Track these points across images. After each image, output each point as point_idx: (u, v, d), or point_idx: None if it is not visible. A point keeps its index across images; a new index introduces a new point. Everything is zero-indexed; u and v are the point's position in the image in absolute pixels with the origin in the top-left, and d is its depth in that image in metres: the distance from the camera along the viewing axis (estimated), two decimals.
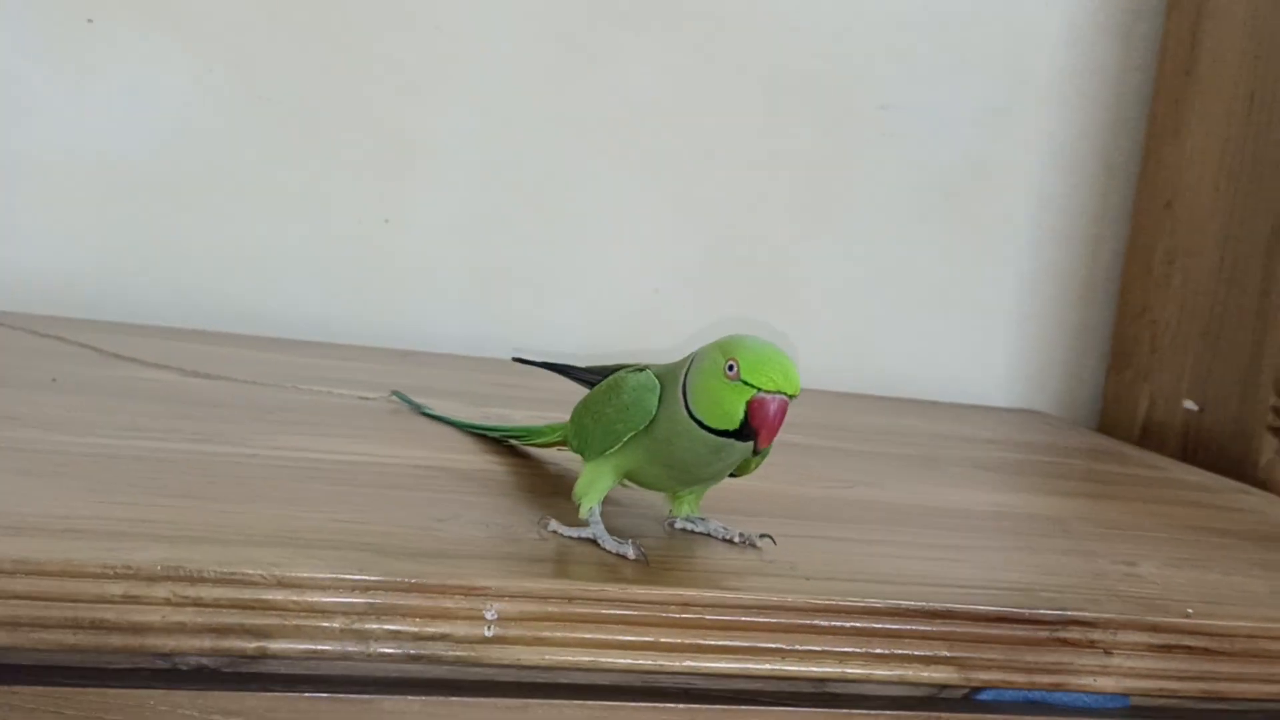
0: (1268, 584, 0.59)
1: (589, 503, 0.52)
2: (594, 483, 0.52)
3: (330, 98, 1.06)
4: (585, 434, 0.52)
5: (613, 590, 0.46)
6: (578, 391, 0.57)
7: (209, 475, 0.55)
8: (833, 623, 0.47)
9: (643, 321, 1.14)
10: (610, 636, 0.45)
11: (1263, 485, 0.96)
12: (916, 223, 1.18)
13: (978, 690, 0.50)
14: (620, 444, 0.50)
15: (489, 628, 0.44)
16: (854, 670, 0.48)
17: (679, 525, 0.55)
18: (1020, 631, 0.49)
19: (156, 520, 0.47)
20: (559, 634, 0.45)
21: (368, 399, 0.80)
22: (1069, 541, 0.63)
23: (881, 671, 0.48)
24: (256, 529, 0.48)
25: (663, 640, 0.46)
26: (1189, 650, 0.51)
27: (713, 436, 0.47)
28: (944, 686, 0.49)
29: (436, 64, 1.08)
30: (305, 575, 0.43)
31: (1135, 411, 1.14)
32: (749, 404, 0.46)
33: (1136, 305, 1.16)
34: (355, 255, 1.08)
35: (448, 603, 0.44)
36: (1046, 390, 1.23)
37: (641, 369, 0.52)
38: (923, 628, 0.48)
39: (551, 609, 0.45)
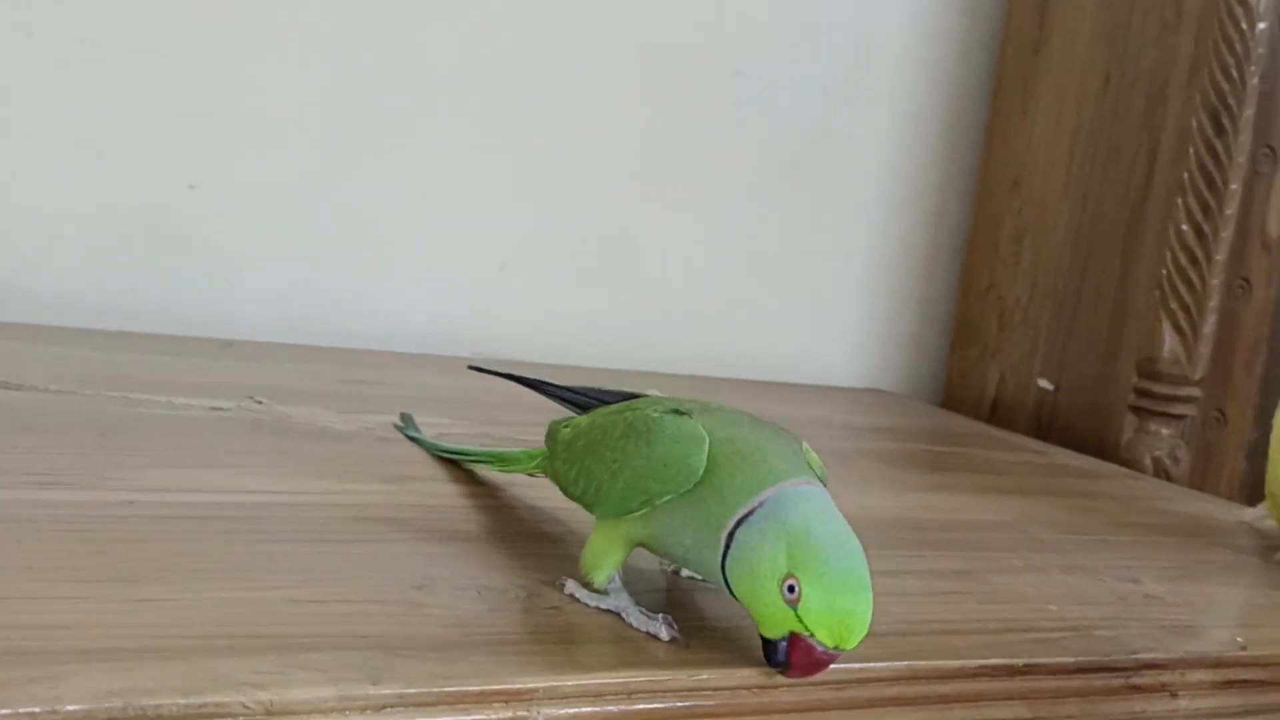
0: (1263, 595, 0.57)
1: (604, 571, 0.43)
2: (608, 549, 0.43)
3: (109, 32, 0.89)
4: (594, 485, 0.43)
5: (681, 679, 0.37)
6: (482, 391, 0.49)
7: (89, 541, 0.42)
8: (916, 690, 0.41)
9: (490, 300, 1.03)
10: None
11: (1124, 463, 0.97)
12: (764, 196, 1.13)
13: None
14: (647, 509, 0.40)
15: None
16: None
17: (686, 573, 0.47)
18: (1097, 682, 0.44)
19: (60, 626, 0.34)
20: None
21: (220, 409, 0.66)
22: (1057, 556, 0.59)
23: None
24: (202, 623, 0.36)
25: None
26: (1244, 684, 0.47)
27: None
28: None
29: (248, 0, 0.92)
30: (303, 696, 0.32)
31: (983, 389, 1.14)
32: (793, 639, 0.37)
33: (982, 282, 1.16)
34: (148, 226, 0.92)
35: (488, 714, 0.34)
36: (890, 368, 1.22)
37: (677, 409, 0.42)
38: (1003, 684, 0.42)
39: (612, 709, 0.36)
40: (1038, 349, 1.09)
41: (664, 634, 0.40)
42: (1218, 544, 0.68)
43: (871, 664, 0.40)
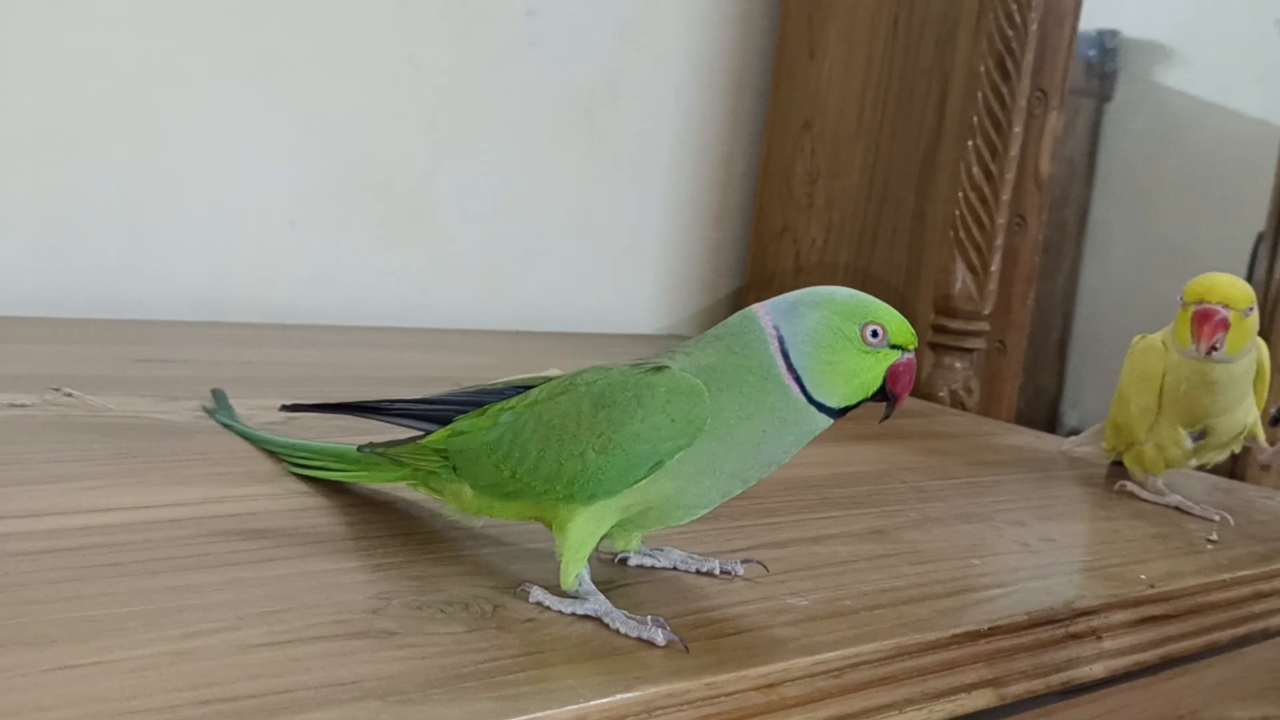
0: (1128, 525, 0.60)
1: (575, 568, 0.40)
2: (586, 540, 0.40)
3: None
4: (567, 471, 0.40)
5: (695, 689, 0.35)
6: (297, 364, 0.44)
7: None
8: (901, 667, 0.40)
9: (279, 260, 0.95)
10: None
11: (924, 399, 1.01)
12: (558, 144, 1.09)
13: (1011, 707, 0.45)
14: (656, 471, 0.39)
15: None
16: (915, 716, 0.41)
17: (635, 561, 0.45)
18: (1044, 635, 0.45)
19: None
20: None
21: (21, 405, 0.57)
22: (944, 505, 0.61)
23: (937, 712, 0.42)
24: (156, 690, 0.30)
25: None
26: (1155, 620, 0.50)
27: (823, 420, 0.41)
28: (980, 713, 0.44)
29: None
30: None
31: None
32: (893, 369, 0.41)
33: (776, 225, 1.17)
34: None
35: None
36: (686, 314, 1.22)
37: (649, 369, 0.40)
38: (970, 649, 0.43)
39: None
40: None
41: (660, 638, 0.38)
42: (1062, 478, 0.71)
43: (862, 647, 0.39)
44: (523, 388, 0.44)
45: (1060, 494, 0.66)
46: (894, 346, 0.41)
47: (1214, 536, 0.59)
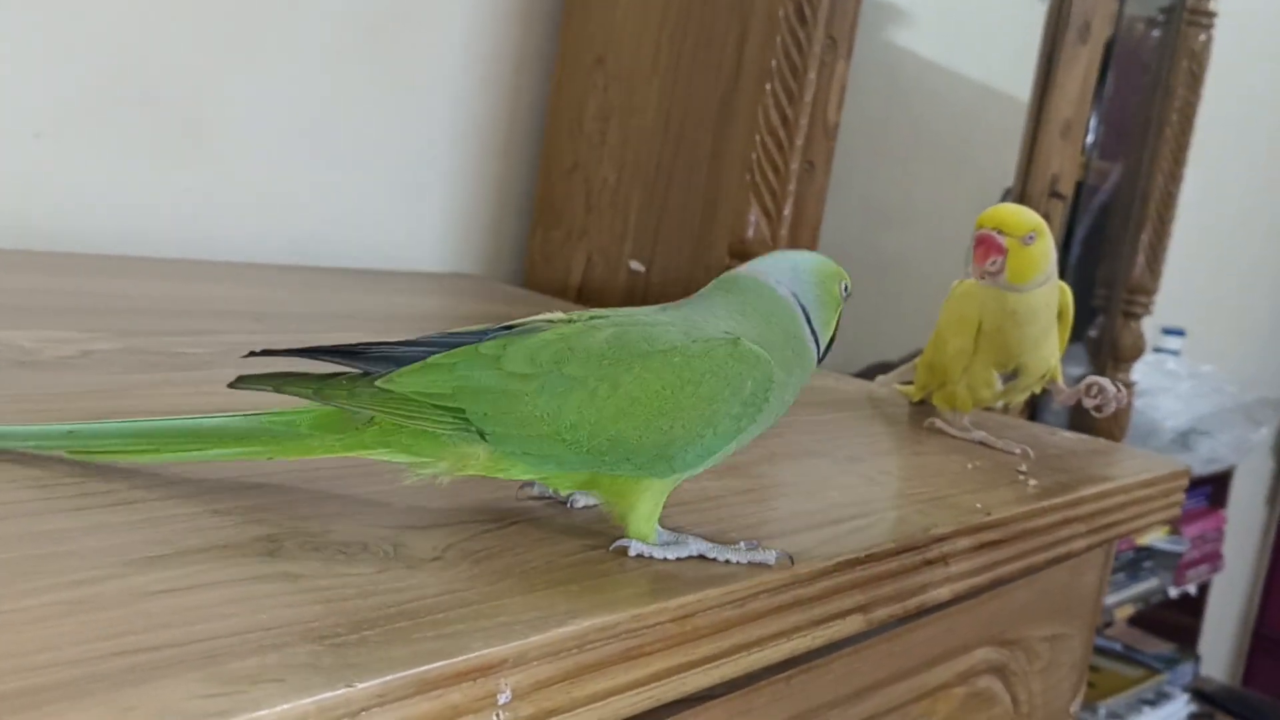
0: (946, 460, 0.65)
1: (652, 528, 0.43)
2: (657, 508, 0.43)
3: None
4: (653, 447, 0.41)
5: (623, 621, 0.36)
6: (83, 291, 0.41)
7: None
8: (797, 594, 0.43)
9: (21, 174, 0.88)
10: (635, 675, 0.36)
11: None
12: (341, 65, 1.06)
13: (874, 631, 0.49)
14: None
15: (498, 716, 0.32)
16: (802, 643, 0.44)
17: (582, 503, 0.47)
18: (907, 561, 0.49)
19: None
20: (586, 690, 0.34)
21: None
22: (785, 441, 0.63)
23: (818, 638, 0.45)
24: (67, 643, 0.29)
25: (670, 664, 0.38)
26: (991, 545, 0.55)
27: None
28: (849, 638, 0.48)
29: None
30: (276, 712, 0.27)
31: (569, 271, 1.18)
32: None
33: (566, 162, 1.18)
34: None
35: (458, 693, 0.31)
36: (474, 251, 1.21)
37: (720, 341, 0.43)
38: (848, 576, 0.46)
39: (568, 663, 0.34)
40: (628, 231, 1.14)
41: (771, 559, 0.43)
42: (873, 416, 0.76)
43: (764, 576, 0.42)
44: (502, 328, 0.43)
45: (876, 431, 0.71)
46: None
47: (1023, 468, 0.65)
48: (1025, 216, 0.66)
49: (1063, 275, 0.70)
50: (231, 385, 0.42)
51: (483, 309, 1.00)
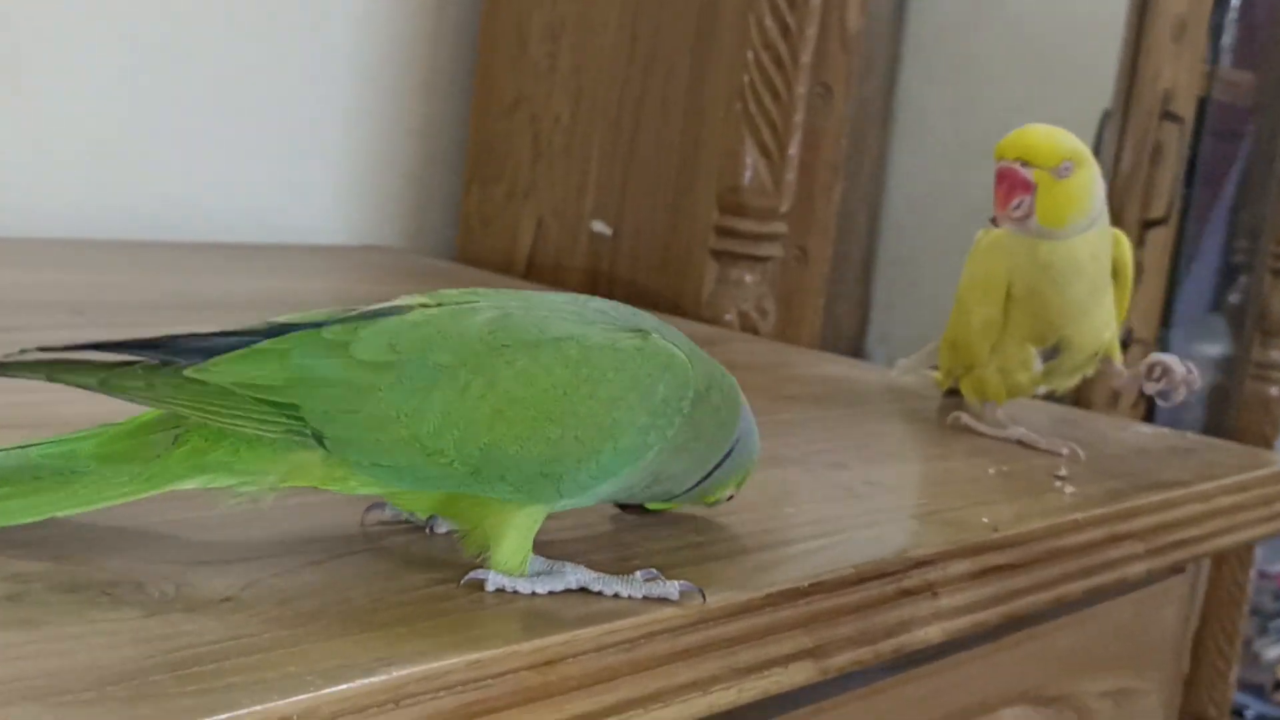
0: (968, 464, 0.67)
1: (522, 559, 0.44)
2: (529, 533, 0.44)
3: None
4: (536, 462, 0.43)
5: (456, 669, 0.38)
6: None
7: None
8: (705, 636, 0.45)
9: None
10: None
11: (710, 321, 1.07)
12: None
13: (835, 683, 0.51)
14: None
15: None
16: (724, 697, 0.46)
17: (445, 528, 0.48)
18: (873, 591, 0.51)
19: None
20: None
21: None
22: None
23: (749, 690, 0.46)
24: None
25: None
26: (999, 570, 0.56)
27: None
28: (801, 690, 0.50)
29: None
30: None
31: (515, 238, 1.20)
32: None
33: (506, 96, 1.20)
34: None
35: None
36: (389, 217, 1.23)
37: (624, 330, 0.45)
38: (788, 613, 0.48)
39: None
40: (588, 184, 1.16)
41: (674, 592, 0.44)
42: (886, 412, 0.78)
43: (658, 613, 0.43)
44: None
45: (885, 430, 0.73)
46: None
47: (1063, 472, 0.67)
48: (1058, 141, 0.67)
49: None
50: None
51: (392, 289, 1.02)
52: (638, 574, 0.45)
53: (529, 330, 0.44)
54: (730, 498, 0.52)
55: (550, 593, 0.44)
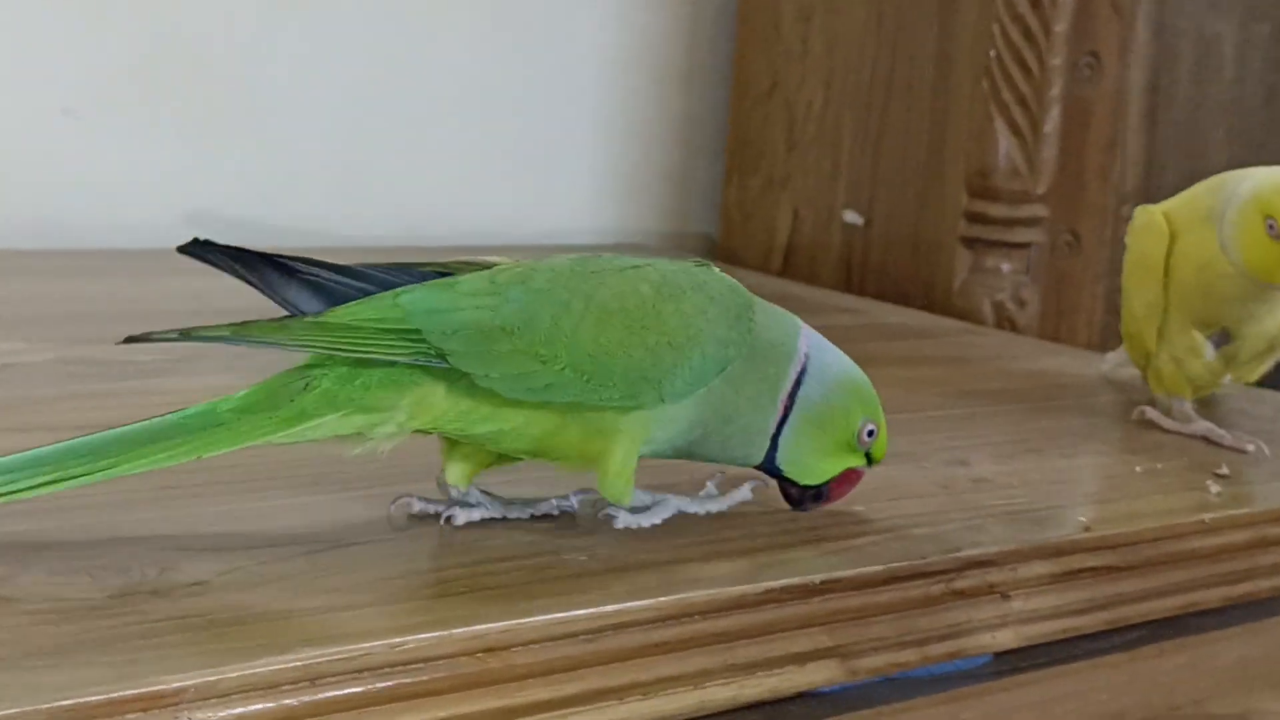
0: (1115, 460, 0.66)
1: (629, 484, 0.51)
2: (633, 453, 0.51)
3: None
4: (640, 366, 0.49)
5: (376, 651, 0.41)
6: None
7: None
8: (687, 630, 0.47)
9: (47, 159, 1.02)
10: None
11: (960, 314, 1.07)
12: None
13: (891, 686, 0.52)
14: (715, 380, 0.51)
15: None
16: (720, 693, 0.47)
17: (461, 517, 0.52)
18: (913, 592, 0.51)
19: None
20: None
21: None
22: None
23: (752, 687, 0.48)
24: None
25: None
26: (1093, 573, 0.56)
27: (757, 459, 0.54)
28: (829, 692, 0.51)
29: None
30: None
31: (773, 230, 1.22)
32: (848, 473, 0.54)
33: (762, 83, 1.23)
34: None
35: None
36: (647, 214, 1.28)
37: (694, 263, 0.53)
38: (797, 609, 0.49)
39: (290, 702, 0.40)
40: (840, 171, 1.17)
41: (748, 493, 0.54)
42: (1069, 406, 0.77)
43: (629, 604, 0.45)
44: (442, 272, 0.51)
45: (1049, 427, 0.72)
46: (867, 455, 0.54)
47: (1224, 470, 0.64)
48: None
49: None
50: (125, 341, 0.49)
51: None
52: (709, 485, 0.55)
53: (610, 261, 0.51)
54: (871, 433, 0.53)
55: (664, 520, 0.52)
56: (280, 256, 0.50)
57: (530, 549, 0.50)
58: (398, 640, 0.42)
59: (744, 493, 0.54)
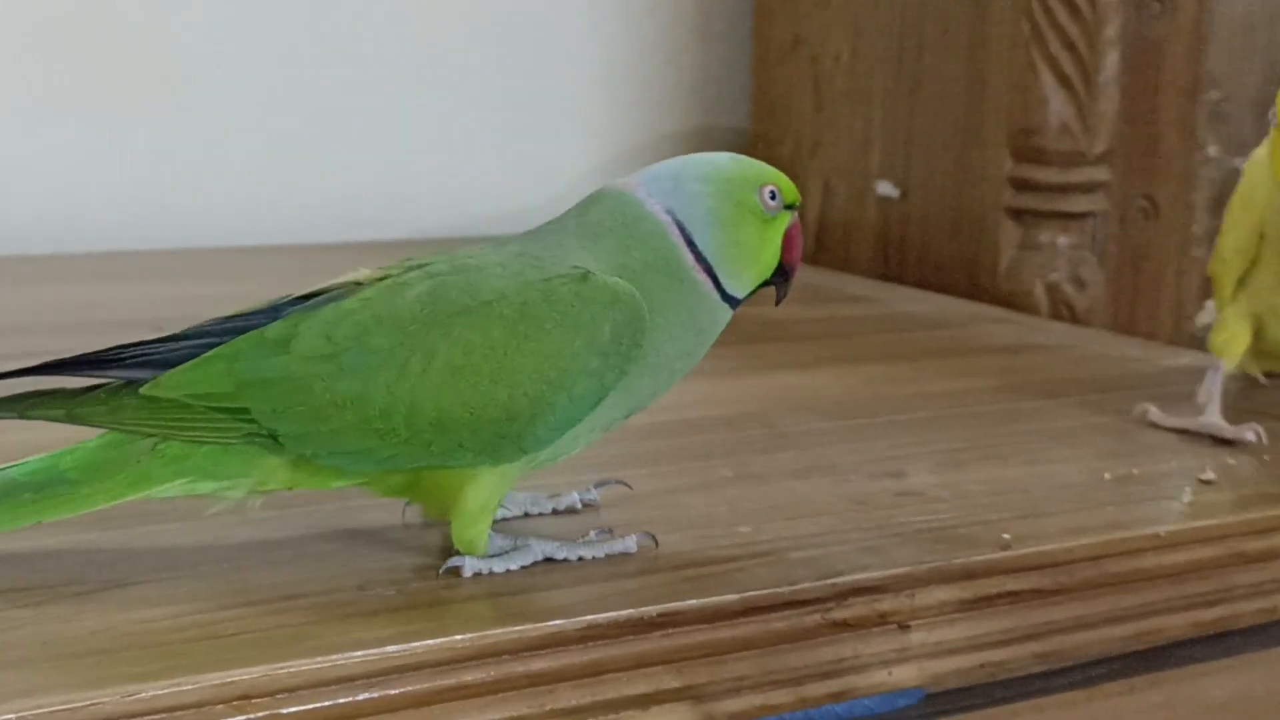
0: (1085, 467, 0.66)
1: (484, 531, 0.53)
2: (493, 499, 0.53)
3: None
4: (490, 425, 0.51)
5: (107, 703, 0.44)
6: None
7: None
8: (496, 672, 0.48)
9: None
10: None
11: (1005, 298, 1.07)
12: None
13: None
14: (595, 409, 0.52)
15: None
16: None
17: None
18: (778, 624, 0.52)
19: None
20: None
21: None
22: (800, 453, 0.68)
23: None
24: None
25: None
26: (1013, 598, 0.56)
27: (727, 314, 0.55)
28: None
29: None
30: None
31: (804, 205, 1.23)
32: (786, 234, 0.56)
33: (784, 36, 1.24)
34: None
35: None
36: None
37: (565, 275, 0.52)
38: (630, 648, 0.50)
39: None
40: (872, 135, 1.18)
41: (632, 545, 0.55)
42: (1070, 405, 0.77)
43: (419, 643, 0.47)
44: (304, 298, 0.53)
45: (1033, 430, 0.73)
46: (789, 207, 0.56)
47: (1209, 476, 0.65)
48: None
49: None
50: None
51: None
52: (591, 533, 0.56)
53: (460, 298, 0.51)
54: (773, 194, 0.55)
55: (522, 568, 0.53)
56: (90, 355, 0.53)
57: (330, 584, 0.52)
58: (132, 688, 0.44)
59: (628, 544, 0.55)
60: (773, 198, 0.55)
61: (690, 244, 0.54)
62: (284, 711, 0.46)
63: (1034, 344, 0.93)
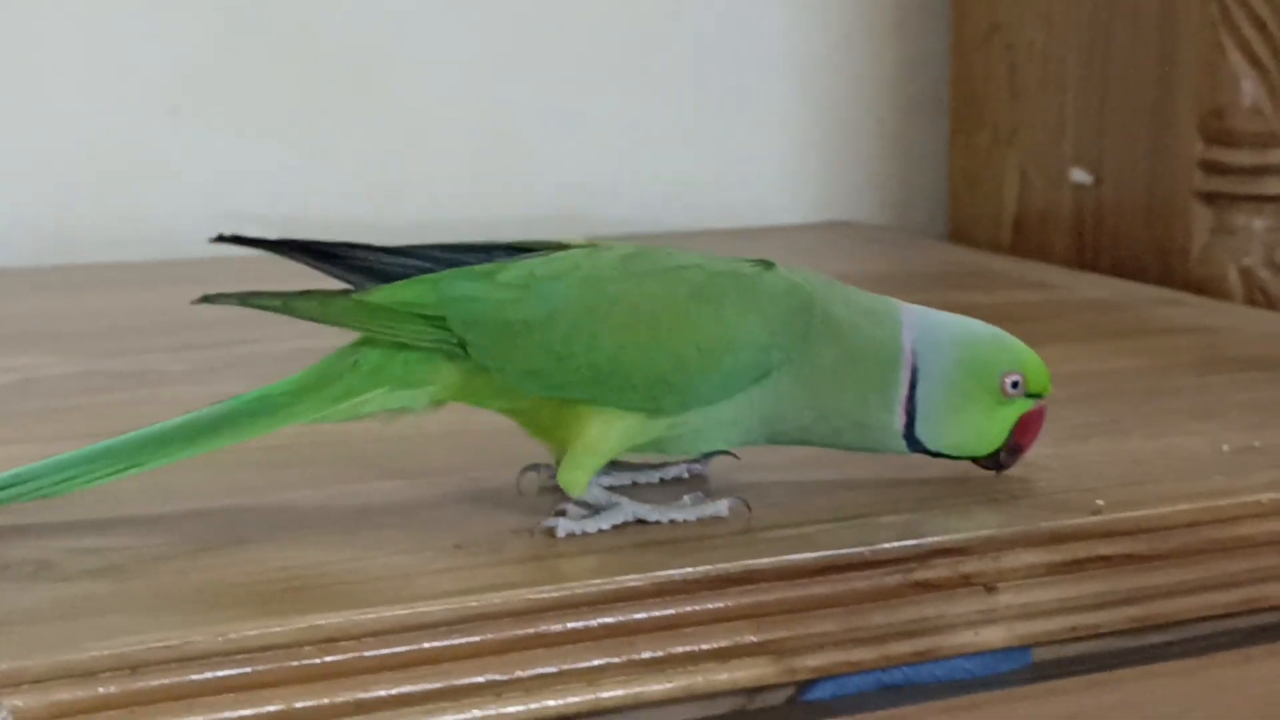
0: (1210, 441, 0.68)
1: (587, 472, 0.57)
2: (612, 446, 0.57)
3: None
4: (658, 372, 0.56)
5: (201, 641, 0.48)
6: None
7: None
8: (566, 625, 0.52)
9: (150, 162, 1.13)
10: None
11: (1198, 284, 1.07)
12: None
13: (807, 685, 0.56)
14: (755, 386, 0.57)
15: None
16: (611, 693, 0.53)
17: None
18: (860, 583, 0.55)
19: None
20: None
21: None
22: None
23: (657, 686, 0.53)
24: None
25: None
26: (1105, 562, 0.58)
27: (902, 445, 0.60)
28: (755, 690, 0.55)
29: None
30: None
31: (1000, 195, 1.25)
32: (1024, 419, 0.60)
33: (980, 24, 1.25)
34: None
35: None
36: (855, 186, 1.31)
37: (753, 263, 0.59)
38: (713, 604, 0.54)
39: (111, 689, 0.47)
40: (1066, 121, 1.19)
41: (724, 509, 0.58)
42: (1222, 383, 0.79)
43: (497, 595, 0.51)
44: (516, 249, 0.60)
45: (1165, 407, 0.74)
46: (1029, 395, 0.60)
47: None
48: None
49: None
50: (195, 302, 0.60)
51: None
52: (685, 498, 0.58)
53: (655, 261, 0.59)
54: (1015, 383, 0.59)
55: (614, 527, 0.57)
56: (320, 243, 0.62)
57: (428, 543, 0.56)
58: (223, 628, 0.49)
59: (719, 508, 0.58)
60: (1014, 386, 0.59)
61: (913, 384, 0.58)
62: (367, 654, 0.50)
63: (1205, 325, 0.93)
